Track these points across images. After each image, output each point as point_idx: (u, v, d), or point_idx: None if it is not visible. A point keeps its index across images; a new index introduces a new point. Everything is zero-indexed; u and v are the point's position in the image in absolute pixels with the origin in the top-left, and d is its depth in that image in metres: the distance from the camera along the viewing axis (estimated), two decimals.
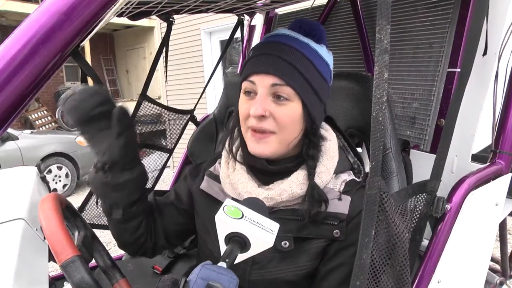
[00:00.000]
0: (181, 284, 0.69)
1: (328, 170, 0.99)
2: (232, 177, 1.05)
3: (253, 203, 0.83)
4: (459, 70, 1.39)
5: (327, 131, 1.06)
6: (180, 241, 1.26)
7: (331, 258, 0.97)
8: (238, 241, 0.76)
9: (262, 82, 0.93)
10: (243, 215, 0.77)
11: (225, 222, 0.75)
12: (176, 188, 1.23)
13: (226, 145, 1.10)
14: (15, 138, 6.94)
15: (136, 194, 1.06)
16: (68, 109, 0.93)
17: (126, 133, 0.96)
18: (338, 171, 1.02)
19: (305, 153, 1.00)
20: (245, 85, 0.97)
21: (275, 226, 0.78)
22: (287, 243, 0.97)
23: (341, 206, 0.96)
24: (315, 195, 0.95)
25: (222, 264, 0.73)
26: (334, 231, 0.95)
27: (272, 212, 0.99)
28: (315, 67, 0.95)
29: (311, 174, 0.97)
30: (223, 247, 0.78)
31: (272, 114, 0.93)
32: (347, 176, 1.03)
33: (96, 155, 0.99)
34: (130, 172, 1.01)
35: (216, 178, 1.12)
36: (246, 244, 0.76)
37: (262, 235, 0.76)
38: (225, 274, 0.70)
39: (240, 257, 0.78)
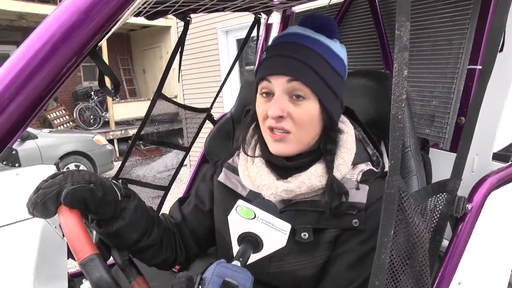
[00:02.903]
0: (196, 282, 0.69)
1: (346, 163, 1.00)
2: (251, 170, 1.06)
3: (264, 205, 0.84)
4: (480, 67, 1.36)
5: (344, 124, 1.07)
6: (212, 244, 1.24)
7: (341, 244, 0.98)
8: (251, 241, 0.77)
9: (279, 83, 0.94)
10: (255, 215, 0.78)
11: (238, 222, 0.77)
12: (197, 191, 1.24)
13: (241, 146, 1.11)
14: (34, 137, 7.07)
15: (136, 234, 1.03)
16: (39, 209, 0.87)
17: (90, 205, 0.90)
18: (356, 163, 1.03)
19: (322, 148, 1.00)
20: (261, 86, 0.98)
21: (287, 227, 0.79)
22: (307, 235, 0.98)
23: (359, 195, 0.97)
24: (334, 188, 0.95)
25: (236, 263, 0.74)
26: (353, 220, 0.96)
27: (290, 204, 1.00)
28: (328, 63, 0.96)
29: (329, 168, 0.98)
30: (235, 247, 0.79)
31: (290, 114, 0.94)
32: (365, 166, 1.04)
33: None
34: (120, 219, 0.99)
35: (234, 170, 1.14)
36: (259, 244, 0.77)
37: (275, 235, 0.77)
38: (240, 272, 0.71)
39: (253, 257, 0.78)
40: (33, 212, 0.87)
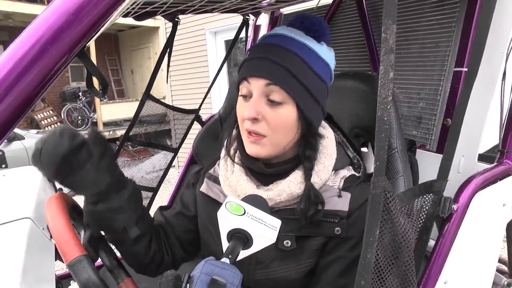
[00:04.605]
0: (184, 280, 0.69)
1: (326, 168, 0.99)
2: (231, 179, 1.05)
3: (255, 200, 0.83)
4: (465, 69, 1.38)
5: (324, 129, 1.06)
6: (198, 249, 1.22)
7: (329, 252, 0.98)
8: (241, 237, 0.76)
9: (257, 85, 0.93)
10: (245, 211, 0.77)
11: (227, 219, 0.76)
12: (182, 197, 1.23)
13: (224, 147, 1.11)
14: (21, 138, 6.99)
15: (140, 208, 1.04)
16: (48, 153, 0.85)
17: (106, 152, 0.92)
18: (337, 168, 1.02)
19: (301, 154, 0.99)
20: (241, 87, 0.97)
21: (277, 223, 0.78)
22: (289, 242, 0.98)
23: (341, 203, 0.97)
24: (311, 196, 0.95)
25: (225, 260, 0.73)
26: (336, 228, 0.96)
27: (272, 212, 0.98)
28: (311, 68, 0.94)
29: (307, 175, 0.97)
30: (225, 244, 0.78)
31: (265, 117, 0.93)
32: (347, 172, 1.03)
33: (86, 194, 0.96)
34: (126, 189, 0.99)
35: (215, 180, 1.13)
36: (249, 241, 0.76)
37: (265, 231, 0.76)
38: (228, 269, 0.70)
39: (243, 254, 0.78)
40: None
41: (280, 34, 0.96)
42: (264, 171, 1.01)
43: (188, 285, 0.68)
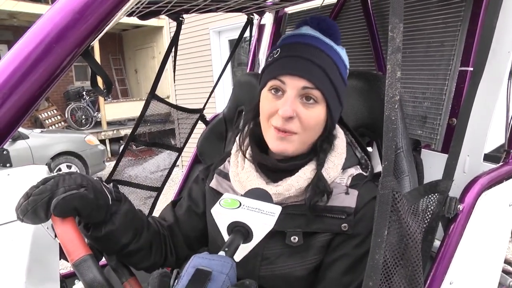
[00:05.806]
0: (173, 276, 0.69)
1: (336, 166, 1.01)
2: (241, 175, 1.06)
3: (255, 194, 0.83)
4: (471, 69, 1.37)
5: (336, 129, 1.08)
6: (204, 245, 1.23)
7: (335, 249, 0.98)
8: (240, 230, 0.75)
9: (293, 84, 0.94)
10: (240, 204, 0.76)
11: (222, 214, 0.75)
12: (190, 192, 1.23)
13: (237, 141, 1.11)
14: (25, 137, 7.02)
15: (125, 239, 1.02)
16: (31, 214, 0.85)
17: (82, 212, 0.90)
18: (345, 167, 1.04)
19: (319, 145, 1.01)
20: (273, 83, 0.97)
21: (276, 209, 0.77)
22: (297, 238, 0.98)
23: (348, 200, 0.98)
24: (320, 185, 0.96)
25: (221, 253, 0.71)
26: (342, 225, 0.96)
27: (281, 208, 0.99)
28: (339, 72, 0.98)
29: (320, 165, 0.99)
30: (227, 239, 0.77)
31: (299, 115, 0.94)
32: (354, 171, 1.05)
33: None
34: (110, 223, 0.98)
35: (225, 176, 1.14)
36: (249, 233, 0.75)
37: (261, 218, 0.75)
38: (217, 260, 0.68)
39: (247, 247, 0.76)
40: (23, 219, 0.85)
41: (308, 34, 0.98)
42: (277, 166, 1.01)
43: (176, 281, 0.67)
